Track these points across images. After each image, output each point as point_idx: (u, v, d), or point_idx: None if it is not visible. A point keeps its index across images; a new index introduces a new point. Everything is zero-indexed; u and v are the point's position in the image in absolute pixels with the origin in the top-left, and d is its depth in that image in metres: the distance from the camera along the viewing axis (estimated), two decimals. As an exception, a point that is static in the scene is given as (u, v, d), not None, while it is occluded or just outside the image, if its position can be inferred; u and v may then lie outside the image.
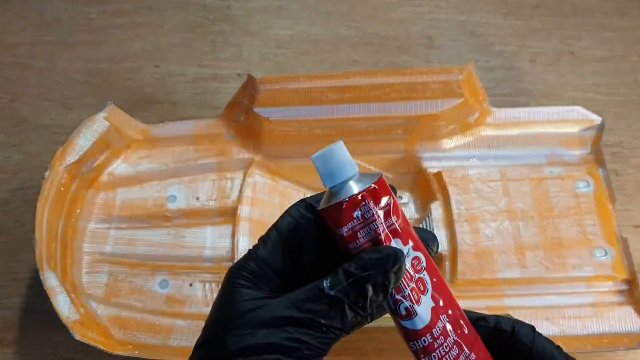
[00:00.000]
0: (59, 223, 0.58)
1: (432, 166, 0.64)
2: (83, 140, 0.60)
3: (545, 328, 0.56)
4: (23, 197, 0.67)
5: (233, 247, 0.59)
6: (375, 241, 0.30)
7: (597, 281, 0.58)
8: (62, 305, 0.53)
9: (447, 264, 0.59)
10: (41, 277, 0.53)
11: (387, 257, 0.29)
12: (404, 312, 0.31)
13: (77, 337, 0.51)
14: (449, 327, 0.31)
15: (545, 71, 0.76)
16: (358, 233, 0.30)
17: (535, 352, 0.31)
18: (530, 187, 0.62)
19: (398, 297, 0.31)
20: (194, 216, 0.63)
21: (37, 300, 0.62)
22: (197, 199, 0.63)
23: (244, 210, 0.61)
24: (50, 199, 0.57)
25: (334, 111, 0.63)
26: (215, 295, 0.55)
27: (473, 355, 0.31)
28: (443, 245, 0.60)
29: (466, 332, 0.32)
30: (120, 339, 0.55)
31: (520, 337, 0.31)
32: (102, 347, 0.52)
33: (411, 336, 0.31)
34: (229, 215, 0.62)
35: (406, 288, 0.31)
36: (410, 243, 0.31)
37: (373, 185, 0.30)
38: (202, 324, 0.31)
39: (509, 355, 0.31)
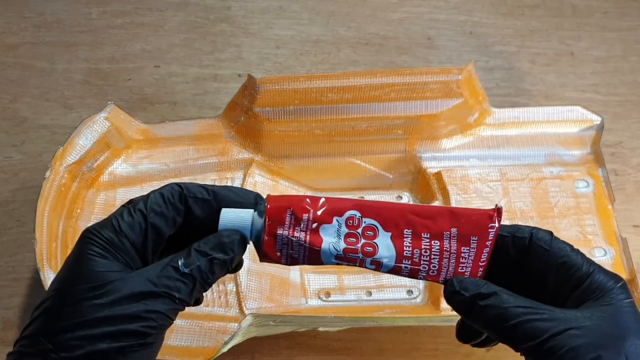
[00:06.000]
0: (60, 223, 0.58)
1: (431, 166, 0.65)
2: (83, 140, 0.60)
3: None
4: (24, 197, 0.67)
5: (233, 247, 0.60)
6: (310, 252, 0.32)
7: (597, 281, 0.58)
8: (63, 305, 0.53)
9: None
10: (42, 277, 0.53)
11: (233, 241, 0.32)
12: (373, 267, 0.32)
13: (78, 336, 0.51)
14: (414, 242, 0.32)
15: (545, 71, 0.76)
16: (292, 254, 0.33)
17: (552, 253, 0.31)
18: (530, 187, 0.62)
19: (363, 261, 0.32)
20: (194, 216, 0.63)
21: (37, 300, 0.61)
22: (198, 199, 0.63)
23: (244, 210, 0.61)
24: (50, 199, 0.57)
25: (334, 111, 0.63)
26: (216, 296, 0.55)
27: (454, 233, 0.32)
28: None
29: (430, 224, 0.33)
30: (120, 338, 0.55)
31: (538, 241, 0.32)
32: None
33: (396, 271, 0.32)
34: (229, 215, 0.62)
35: (358, 252, 0.31)
36: (335, 218, 0.32)
37: (266, 213, 0.32)
38: (203, 323, 0.32)
39: (528, 261, 0.32)
